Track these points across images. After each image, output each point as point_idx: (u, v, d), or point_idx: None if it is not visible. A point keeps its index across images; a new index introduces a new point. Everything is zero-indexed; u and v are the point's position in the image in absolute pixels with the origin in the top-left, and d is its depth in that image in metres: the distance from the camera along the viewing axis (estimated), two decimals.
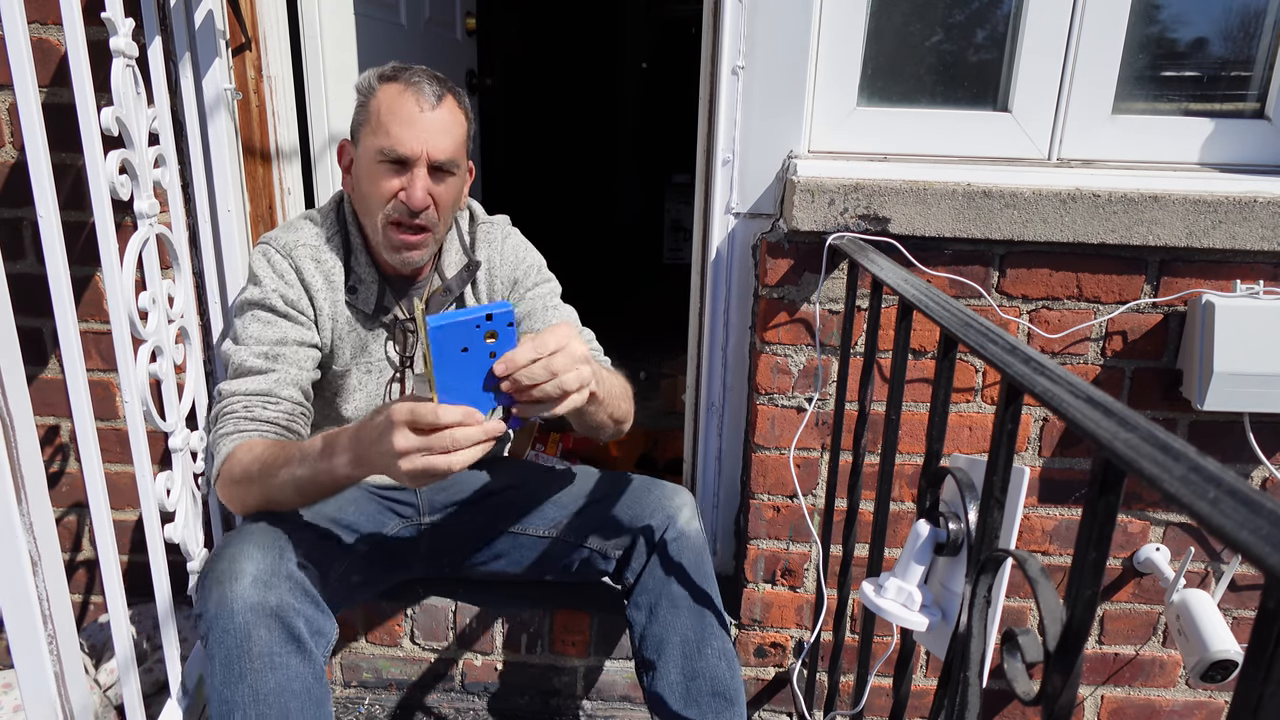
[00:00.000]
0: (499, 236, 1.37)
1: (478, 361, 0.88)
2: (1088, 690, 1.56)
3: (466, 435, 0.88)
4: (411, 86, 1.17)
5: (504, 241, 1.37)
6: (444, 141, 1.18)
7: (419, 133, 1.16)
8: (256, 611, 1.02)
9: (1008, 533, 0.77)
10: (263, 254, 1.24)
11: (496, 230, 1.38)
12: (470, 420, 0.88)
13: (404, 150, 1.15)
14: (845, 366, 1.26)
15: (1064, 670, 0.56)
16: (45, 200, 0.97)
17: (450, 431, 0.88)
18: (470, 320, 0.85)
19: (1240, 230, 1.26)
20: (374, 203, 1.20)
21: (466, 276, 1.33)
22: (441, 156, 1.18)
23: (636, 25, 5.70)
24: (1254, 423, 1.36)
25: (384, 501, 1.36)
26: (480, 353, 0.87)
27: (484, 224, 1.38)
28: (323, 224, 1.28)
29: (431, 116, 1.16)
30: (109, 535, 1.11)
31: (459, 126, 1.21)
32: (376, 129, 1.17)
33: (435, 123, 1.17)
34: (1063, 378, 0.61)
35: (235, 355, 1.20)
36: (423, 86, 1.17)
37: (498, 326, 0.87)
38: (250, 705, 1.01)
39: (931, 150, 1.45)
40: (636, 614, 1.26)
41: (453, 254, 1.34)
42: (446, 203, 1.22)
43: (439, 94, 1.18)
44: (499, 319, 0.86)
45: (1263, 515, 0.40)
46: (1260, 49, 1.43)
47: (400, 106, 1.16)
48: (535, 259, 1.39)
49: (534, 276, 1.38)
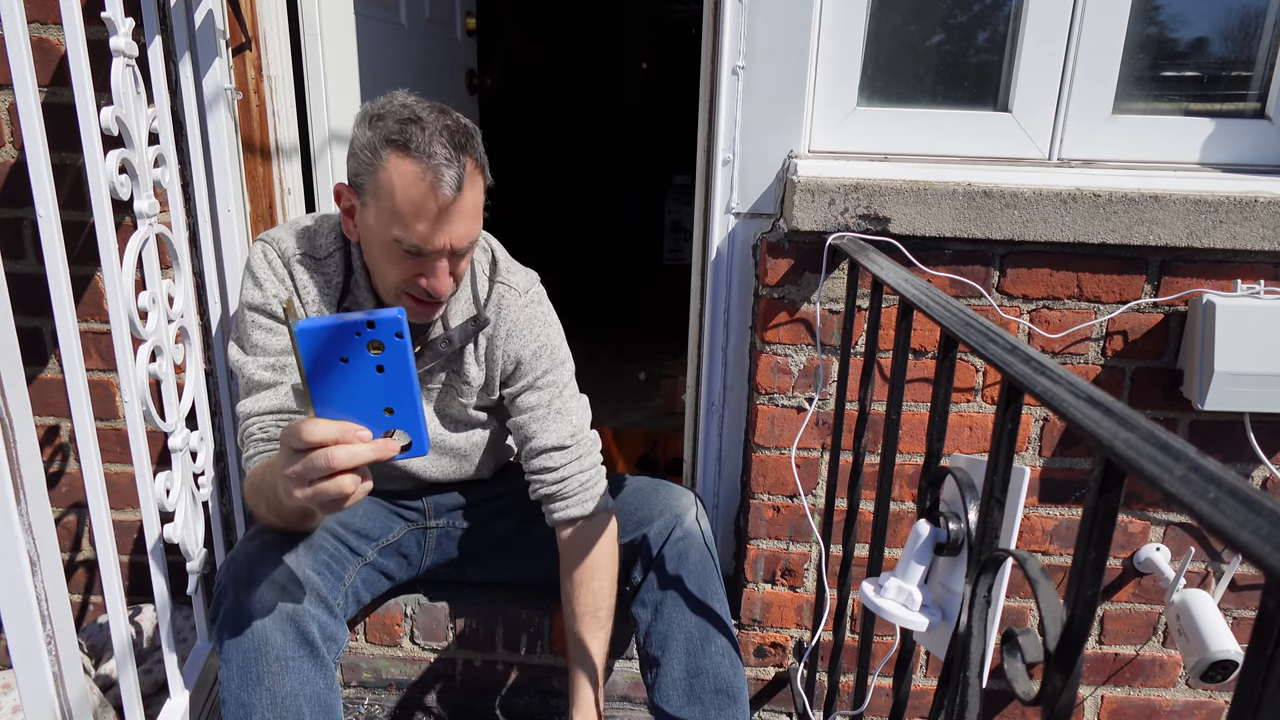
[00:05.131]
0: (517, 307, 1.24)
1: (362, 374, 0.76)
2: (1088, 690, 1.56)
3: (349, 454, 0.77)
4: (431, 171, 1.00)
5: (522, 312, 1.24)
6: (467, 227, 1.06)
7: (443, 228, 1.03)
8: (274, 615, 1.02)
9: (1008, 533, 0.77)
10: (262, 253, 1.18)
11: (517, 299, 1.25)
12: (349, 437, 0.78)
13: (429, 248, 1.04)
14: (845, 366, 1.26)
15: (1064, 670, 0.56)
16: (45, 200, 0.97)
17: (326, 451, 0.77)
18: (348, 325, 0.74)
19: (1241, 230, 1.26)
20: (388, 277, 1.10)
21: (471, 331, 1.21)
22: (464, 243, 1.06)
23: (636, 25, 5.70)
24: (1254, 422, 1.36)
25: (390, 506, 1.37)
26: (364, 365, 0.76)
27: (503, 286, 1.25)
28: (324, 238, 1.20)
29: (455, 208, 1.03)
30: (108, 535, 1.11)
31: (480, 197, 1.09)
32: (393, 215, 1.03)
33: (459, 213, 1.04)
34: (1063, 377, 0.61)
35: (245, 368, 1.17)
36: (442, 172, 1.00)
37: (383, 336, 0.75)
38: (268, 709, 1.01)
39: (932, 150, 1.45)
40: (642, 611, 1.27)
41: (462, 302, 1.23)
42: (463, 270, 1.13)
43: (459, 175, 1.02)
44: (384, 326, 0.75)
45: (1263, 515, 0.40)
46: (1260, 49, 1.42)
47: (420, 197, 1.01)
48: (550, 339, 1.27)
49: (543, 362, 1.25)
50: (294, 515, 1.04)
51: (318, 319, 0.75)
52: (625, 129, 5.92)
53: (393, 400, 0.79)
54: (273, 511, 1.05)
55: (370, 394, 0.78)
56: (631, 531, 1.30)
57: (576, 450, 1.24)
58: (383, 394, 0.78)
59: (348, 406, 0.78)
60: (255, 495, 1.08)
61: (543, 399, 1.25)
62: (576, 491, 1.23)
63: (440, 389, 1.28)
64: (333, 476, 0.79)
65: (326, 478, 0.79)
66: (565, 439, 1.23)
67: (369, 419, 0.79)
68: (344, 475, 0.79)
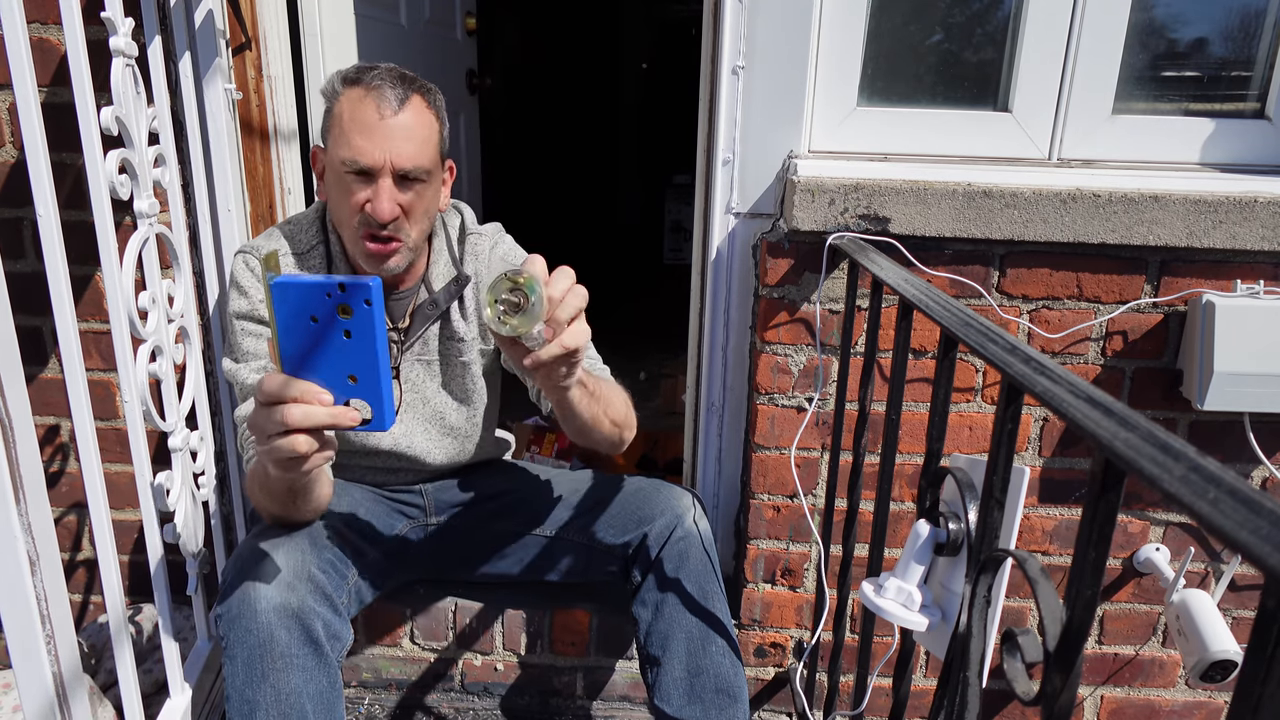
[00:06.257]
0: (486, 248, 1.31)
1: (330, 338, 0.77)
2: (1088, 690, 1.56)
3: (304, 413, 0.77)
4: (373, 91, 1.09)
5: (491, 251, 1.31)
6: (409, 148, 1.10)
7: (381, 141, 1.08)
8: (280, 612, 1.02)
9: (1008, 533, 0.77)
10: (243, 261, 1.20)
11: (485, 241, 1.32)
12: (306, 397, 0.78)
13: (366, 161, 1.09)
14: (845, 366, 1.26)
15: (1064, 670, 0.56)
16: (44, 200, 0.97)
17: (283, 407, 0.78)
18: (320, 285, 0.75)
19: (1241, 230, 1.26)
20: (343, 214, 1.14)
21: (455, 290, 1.26)
22: (407, 164, 1.10)
23: (636, 26, 5.70)
24: (1254, 423, 1.36)
25: (392, 503, 1.37)
26: (332, 328, 0.76)
27: (472, 235, 1.32)
28: (305, 233, 1.24)
29: (394, 123, 1.09)
30: (107, 535, 1.11)
31: (427, 129, 1.14)
32: (339, 138, 1.10)
33: (399, 130, 1.09)
34: (1063, 377, 0.61)
35: (238, 375, 1.19)
36: (384, 90, 1.09)
37: (352, 301, 0.75)
38: (272, 705, 1.01)
39: (932, 150, 1.45)
40: (642, 610, 1.27)
41: (441, 265, 1.28)
42: (417, 210, 1.15)
43: (402, 96, 1.10)
44: (354, 291, 0.75)
45: (1263, 515, 0.40)
46: (1260, 49, 1.42)
47: (361, 113, 1.08)
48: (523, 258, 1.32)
49: None
50: (282, 492, 1.04)
51: (294, 275, 0.76)
52: (625, 129, 5.92)
53: (357, 368, 0.78)
54: (265, 493, 1.06)
55: (336, 359, 0.78)
56: (632, 531, 1.30)
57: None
58: (348, 360, 0.78)
59: (313, 367, 0.78)
60: (252, 481, 1.09)
61: None
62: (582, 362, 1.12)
63: (439, 360, 1.29)
64: (287, 434, 0.79)
65: (281, 434, 0.79)
66: None
67: (333, 383, 0.79)
68: (298, 435, 0.79)
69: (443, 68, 2.25)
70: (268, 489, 1.05)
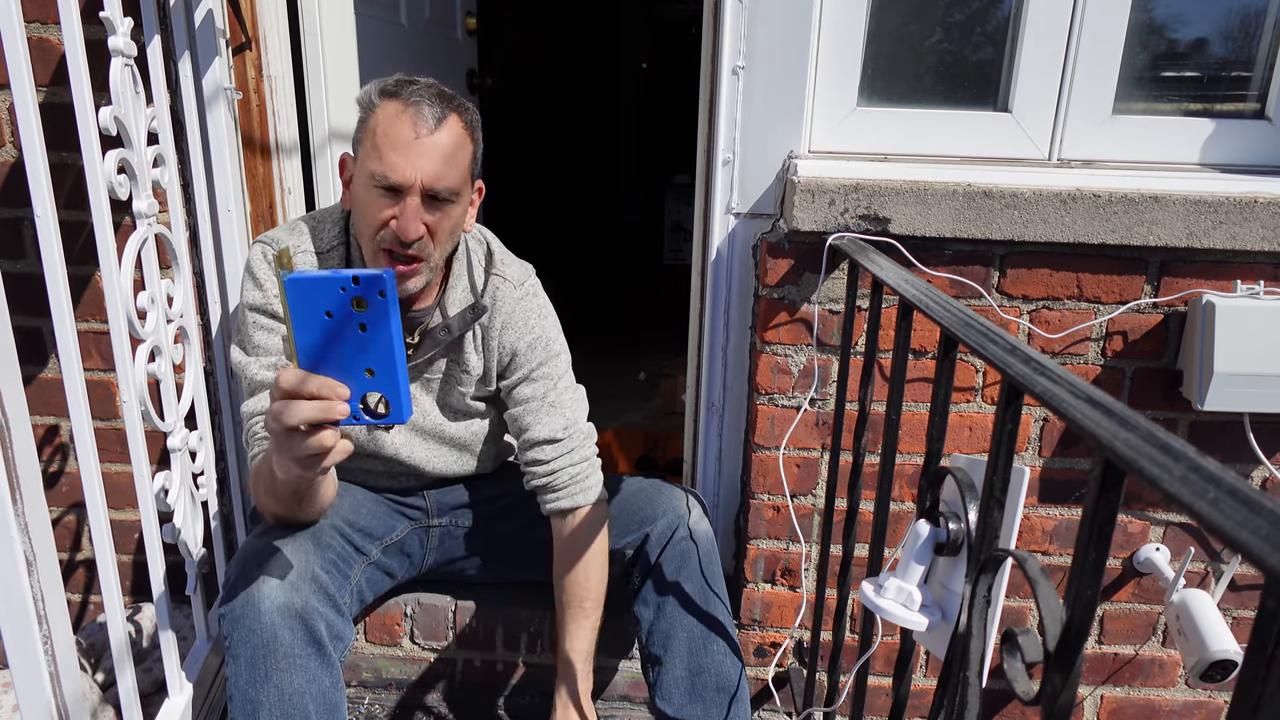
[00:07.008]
0: (513, 299, 1.26)
1: (345, 332, 0.77)
2: (1087, 690, 1.55)
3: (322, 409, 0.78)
4: (411, 106, 1.07)
5: (517, 305, 1.26)
6: (441, 169, 1.09)
7: (414, 159, 1.07)
8: (283, 612, 1.02)
9: (1008, 533, 0.77)
10: (261, 253, 1.18)
11: (512, 291, 1.27)
12: (326, 392, 0.78)
13: (396, 178, 1.07)
14: (845, 366, 1.26)
15: (1064, 670, 0.56)
16: (43, 200, 0.97)
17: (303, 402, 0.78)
18: (334, 280, 0.75)
19: (1240, 230, 1.25)
20: (366, 227, 1.12)
21: (470, 318, 1.23)
22: (438, 185, 1.09)
23: (636, 25, 5.70)
24: (1254, 423, 1.36)
25: (394, 505, 1.37)
26: (347, 322, 0.77)
27: (498, 278, 1.26)
28: (328, 231, 1.23)
29: (429, 142, 1.07)
30: (106, 535, 1.11)
31: (461, 150, 1.12)
32: (371, 151, 1.08)
33: (433, 149, 1.08)
34: (1063, 378, 0.61)
35: (247, 369, 1.18)
36: (422, 108, 1.07)
37: (366, 294, 0.75)
38: (275, 705, 1.01)
39: (932, 150, 1.45)
40: (644, 610, 1.28)
41: (459, 291, 1.25)
42: (443, 231, 1.13)
43: (440, 115, 1.08)
44: (367, 284, 0.75)
45: (1263, 515, 0.40)
46: (1260, 49, 1.42)
47: (396, 129, 1.07)
48: (545, 331, 1.28)
49: (538, 354, 1.26)
50: (287, 492, 1.04)
51: (307, 271, 0.76)
52: (625, 129, 5.92)
53: (374, 362, 0.79)
54: (269, 492, 1.05)
55: (352, 353, 0.78)
56: (634, 532, 1.31)
57: (569, 444, 1.25)
58: (365, 354, 0.78)
59: (330, 362, 0.78)
60: (256, 481, 1.08)
61: (537, 391, 1.26)
62: (567, 484, 1.24)
63: (441, 378, 1.28)
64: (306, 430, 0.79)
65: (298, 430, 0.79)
66: (558, 432, 1.24)
67: (350, 378, 0.79)
68: (321, 431, 0.79)
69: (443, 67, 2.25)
70: (272, 488, 1.04)
